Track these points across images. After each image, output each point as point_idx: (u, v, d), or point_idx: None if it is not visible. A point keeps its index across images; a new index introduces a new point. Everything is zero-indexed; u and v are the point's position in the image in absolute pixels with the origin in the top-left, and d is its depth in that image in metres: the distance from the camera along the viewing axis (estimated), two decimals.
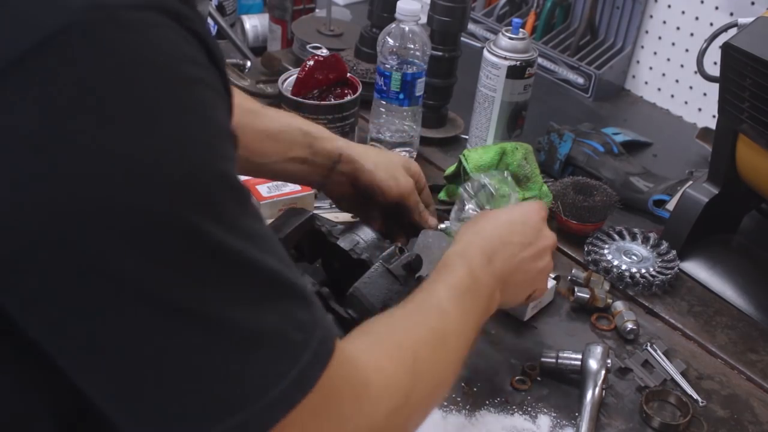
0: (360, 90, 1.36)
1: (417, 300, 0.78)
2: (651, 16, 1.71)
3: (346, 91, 1.37)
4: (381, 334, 0.70)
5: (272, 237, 0.57)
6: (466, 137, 1.45)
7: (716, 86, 1.13)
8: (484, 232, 0.91)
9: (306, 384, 0.55)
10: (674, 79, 1.71)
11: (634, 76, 1.78)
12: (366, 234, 1.02)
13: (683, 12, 1.65)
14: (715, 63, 1.17)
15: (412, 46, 1.32)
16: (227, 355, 0.52)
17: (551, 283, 1.13)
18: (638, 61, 1.76)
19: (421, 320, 0.75)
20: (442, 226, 1.22)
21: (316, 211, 1.15)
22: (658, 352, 1.06)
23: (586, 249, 1.22)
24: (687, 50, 1.67)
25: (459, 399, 0.98)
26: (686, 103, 1.70)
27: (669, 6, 1.68)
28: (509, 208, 0.99)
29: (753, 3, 1.53)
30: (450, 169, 1.30)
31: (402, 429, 0.67)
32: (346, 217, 1.20)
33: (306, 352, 0.55)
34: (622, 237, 1.24)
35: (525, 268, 0.91)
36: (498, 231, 0.91)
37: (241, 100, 0.93)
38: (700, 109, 1.67)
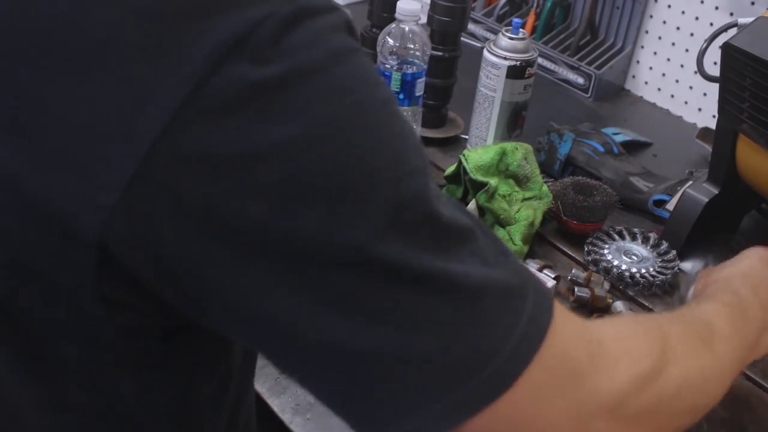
0: None
1: (672, 314, 0.71)
2: (651, 16, 1.71)
3: None
4: (620, 322, 0.65)
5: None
6: (466, 137, 1.45)
7: (716, 86, 1.13)
8: (737, 269, 0.83)
9: (534, 339, 0.51)
10: (674, 79, 1.71)
11: (634, 76, 1.78)
12: None
13: (683, 12, 1.65)
14: (715, 63, 1.17)
15: (412, 46, 1.32)
16: (459, 311, 0.50)
17: (551, 283, 1.13)
18: (638, 61, 1.76)
19: (675, 319, 0.67)
20: None
21: None
22: None
23: (586, 249, 1.22)
24: (687, 50, 1.67)
25: None
26: (686, 103, 1.70)
27: (669, 6, 1.68)
28: (738, 257, 0.89)
29: (753, 3, 1.53)
30: (450, 169, 1.30)
31: (656, 408, 0.58)
32: None
33: (527, 303, 0.52)
34: (622, 237, 1.24)
35: None
36: (754, 264, 0.83)
37: None
38: (700, 109, 1.67)
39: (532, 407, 0.52)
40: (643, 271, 1.18)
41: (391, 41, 1.32)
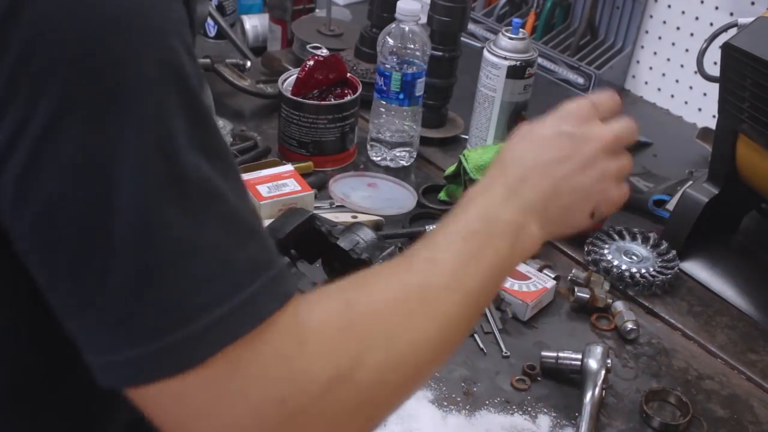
0: (360, 90, 1.36)
1: (408, 252, 0.67)
2: (651, 16, 1.71)
3: (346, 91, 1.37)
4: (341, 289, 0.61)
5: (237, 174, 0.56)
6: (466, 137, 1.45)
7: (716, 86, 1.13)
8: (512, 158, 0.76)
9: (239, 323, 0.51)
10: (674, 79, 1.71)
11: (634, 76, 1.78)
12: (366, 234, 1.02)
13: (683, 12, 1.65)
14: (715, 63, 1.17)
15: (412, 46, 1.32)
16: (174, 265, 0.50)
17: (551, 283, 1.13)
18: (638, 61, 1.76)
19: (395, 273, 0.64)
20: None
21: (316, 211, 1.15)
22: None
23: (586, 249, 1.22)
24: (687, 50, 1.67)
25: (459, 399, 0.98)
26: (686, 103, 1.70)
27: (669, 6, 1.68)
28: (549, 117, 0.81)
29: (753, 3, 1.53)
30: (450, 169, 1.30)
31: (351, 406, 0.56)
32: (346, 217, 1.20)
33: (255, 284, 0.52)
34: (622, 237, 1.24)
35: (570, 186, 0.75)
36: (528, 153, 0.76)
37: None
38: (700, 109, 1.67)
39: (208, 395, 0.52)
40: (643, 271, 1.18)
41: (391, 41, 1.32)
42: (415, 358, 0.60)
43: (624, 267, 1.18)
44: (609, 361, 1.00)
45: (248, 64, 1.61)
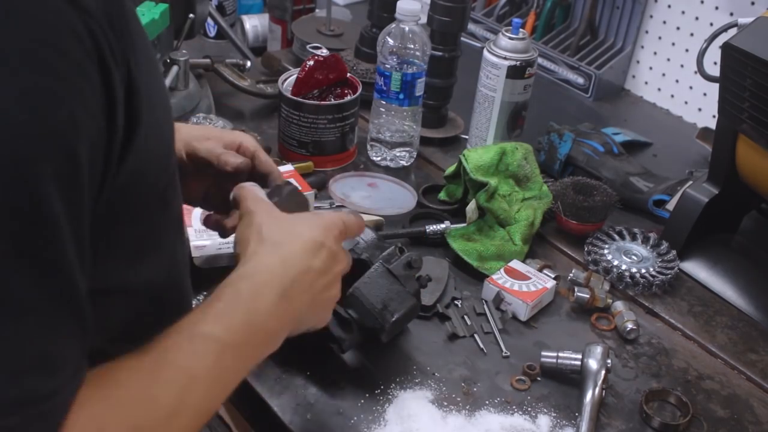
0: (360, 90, 1.36)
1: (171, 349, 0.65)
2: (651, 16, 1.72)
3: (346, 91, 1.37)
4: (112, 406, 0.59)
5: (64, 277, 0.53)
6: (466, 137, 1.45)
7: (716, 86, 1.13)
8: (285, 250, 0.76)
9: None
10: (674, 79, 1.71)
11: (634, 76, 1.78)
12: (366, 234, 1.02)
13: (683, 12, 1.65)
14: (715, 63, 1.17)
15: (412, 46, 1.32)
16: None
17: (551, 283, 1.13)
18: (638, 61, 1.76)
19: (151, 392, 0.62)
20: (442, 226, 1.22)
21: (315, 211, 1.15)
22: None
23: (586, 249, 1.22)
24: (687, 50, 1.67)
25: (459, 399, 0.98)
26: (686, 103, 1.70)
27: (669, 6, 1.68)
28: (309, 217, 0.82)
29: (753, 3, 1.53)
30: (450, 169, 1.30)
31: None
32: None
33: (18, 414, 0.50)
34: (622, 237, 1.24)
35: (320, 299, 0.79)
36: (300, 252, 0.77)
37: None
38: (700, 109, 1.67)
39: None
40: (643, 271, 1.18)
41: (391, 41, 1.32)
42: None
43: (624, 267, 1.18)
44: (609, 361, 1.00)
45: (248, 64, 1.62)
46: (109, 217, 0.58)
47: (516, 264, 1.16)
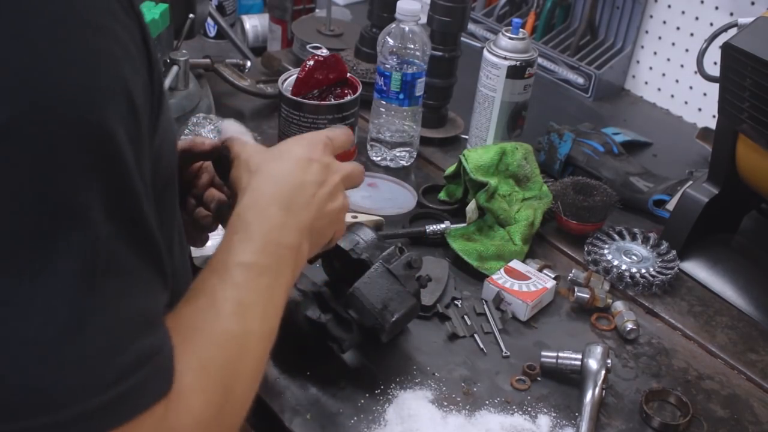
0: (360, 90, 1.36)
1: (211, 286, 0.68)
2: (651, 16, 1.71)
3: (346, 91, 1.37)
4: (194, 350, 0.62)
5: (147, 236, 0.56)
6: (466, 137, 1.45)
7: (716, 86, 1.13)
8: (275, 174, 0.78)
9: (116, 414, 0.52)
10: (674, 79, 1.71)
11: (634, 76, 1.78)
12: (366, 234, 1.02)
13: (683, 12, 1.65)
14: (715, 63, 1.17)
15: (412, 46, 1.32)
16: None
17: (551, 283, 1.13)
18: (638, 61, 1.76)
19: (222, 327, 0.66)
20: (442, 226, 1.22)
21: None
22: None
23: (586, 249, 1.22)
24: (687, 50, 1.67)
25: (459, 399, 0.98)
26: (686, 103, 1.70)
27: (669, 6, 1.68)
28: (292, 140, 0.83)
29: (753, 3, 1.53)
30: (450, 169, 1.30)
31: None
32: (346, 217, 1.20)
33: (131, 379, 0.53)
34: (622, 237, 1.24)
35: (325, 209, 0.79)
36: (290, 172, 0.78)
37: None
38: (700, 109, 1.67)
39: None
40: (643, 271, 1.18)
41: (391, 41, 1.32)
42: (249, 395, 0.67)
43: (624, 267, 1.18)
44: (609, 361, 1.00)
45: (248, 64, 1.62)
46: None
47: (516, 264, 1.16)
